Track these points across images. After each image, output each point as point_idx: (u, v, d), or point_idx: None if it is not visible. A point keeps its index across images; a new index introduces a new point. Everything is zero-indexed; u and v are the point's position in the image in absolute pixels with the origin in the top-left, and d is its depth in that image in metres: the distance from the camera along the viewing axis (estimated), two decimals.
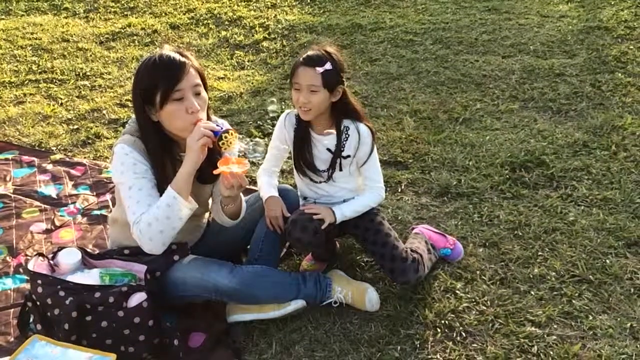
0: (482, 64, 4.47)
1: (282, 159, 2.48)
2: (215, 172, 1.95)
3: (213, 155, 2.08)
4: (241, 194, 2.16)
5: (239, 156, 2.06)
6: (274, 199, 2.31)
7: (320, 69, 2.16)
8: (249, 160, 2.01)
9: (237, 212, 2.21)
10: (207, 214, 2.41)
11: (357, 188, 2.44)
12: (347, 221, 2.36)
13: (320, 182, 2.39)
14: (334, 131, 2.30)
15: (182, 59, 1.99)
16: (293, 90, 2.25)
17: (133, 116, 2.11)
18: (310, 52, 2.21)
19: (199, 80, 2.02)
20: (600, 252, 2.50)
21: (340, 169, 2.34)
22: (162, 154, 2.06)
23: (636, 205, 2.77)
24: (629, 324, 2.14)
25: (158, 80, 1.95)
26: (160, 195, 2.01)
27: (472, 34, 5.06)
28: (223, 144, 1.97)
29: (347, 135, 2.31)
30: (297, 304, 2.18)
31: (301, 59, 2.21)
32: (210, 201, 2.35)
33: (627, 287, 2.31)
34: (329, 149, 2.32)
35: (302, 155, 2.34)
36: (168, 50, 2.01)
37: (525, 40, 4.84)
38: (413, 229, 2.61)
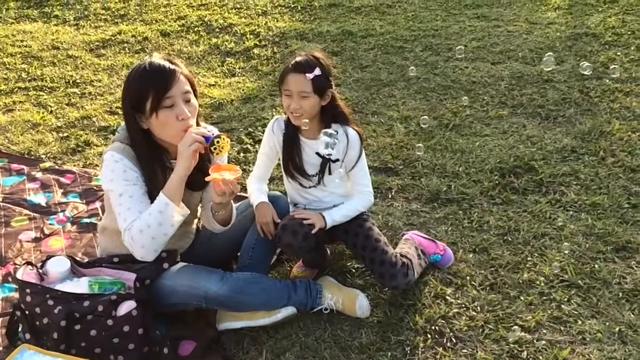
0: (471, 70, 4.50)
1: (272, 165, 2.48)
2: (207, 179, 1.95)
3: (203, 162, 2.08)
4: (231, 201, 2.16)
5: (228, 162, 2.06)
6: (264, 205, 2.31)
7: (310, 75, 2.17)
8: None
9: (228, 218, 2.21)
10: (196, 221, 2.41)
11: (347, 193, 2.45)
12: (337, 227, 2.37)
13: (310, 187, 2.39)
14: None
15: (172, 67, 1.99)
16: (283, 96, 2.26)
17: (122, 123, 2.10)
18: (298, 58, 2.22)
19: (188, 87, 2.02)
20: (589, 257, 2.51)
21: (330, 173, 2.35)
22: (152, 161, 2.06)
23: (624, 210, 2.79)
24: (617, 329, 2.15)
25: (148, 88, 1.95)
26: (151, 203, 2.00)
27: (462, 40, 5.09)
28: (215, 149, 1.98)
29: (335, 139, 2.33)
30: (288, 311, 2.18)
31: (290, 65, 2.22)
32: (199, 208, 2.35)
33: (615, 291, 2.32)
34: (317, 153, 2.33)
35: (291, 159, 2.35)
36: (157, 58, 2.02)
37: (514, 47, 4.87)
38: (403, 234, 2.61)
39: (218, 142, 1.98)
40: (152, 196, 2.03)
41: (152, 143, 2.06)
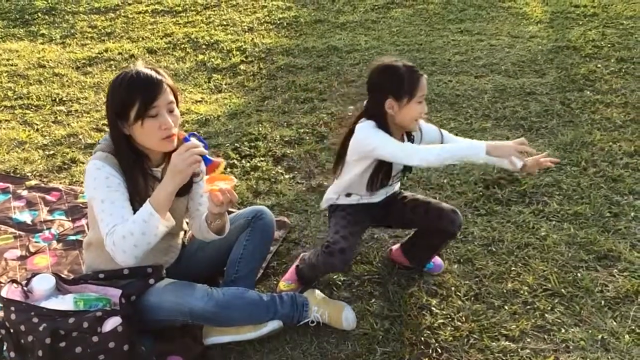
0: (455, 84, 4.56)
1: None
2: (204, 191, 1.99)
3: None
4: None
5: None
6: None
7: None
8: None
9: (223, 227, 2.22)
10: (182, 234, 2.41)
11: None
12: (391, 212, 2.47)
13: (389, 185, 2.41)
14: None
15: (159, 77, 2.01)
16: (415, 104, 2.18)
17: (104, 135, 2.12)
18: (407, 62, 2.19)
19: (172, 98, 2.04)
20: (572, 265, 2.55)
21: (410, 171, 2.46)
22: (133, 167, 2.07)
23: (605, 220, 2.83)
24: (600, 336, 2.18)
25: (135, 97, 1.96)
26: (132, 209, 2.01)
27: (445, 55, 5.16)
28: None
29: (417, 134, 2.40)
30: (274, 325, 2.19)
31: (414, 71, 2.16)
32: (185, 221, 2.35)
33: (597, 299, 2.36)
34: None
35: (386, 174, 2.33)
36: (143, 67, 2.03)
37: (497, 60, 4.95)
38: (390, 249, 2.64)
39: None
40: (133, 202, 2.03)
41: (133, 149, 2.07)
